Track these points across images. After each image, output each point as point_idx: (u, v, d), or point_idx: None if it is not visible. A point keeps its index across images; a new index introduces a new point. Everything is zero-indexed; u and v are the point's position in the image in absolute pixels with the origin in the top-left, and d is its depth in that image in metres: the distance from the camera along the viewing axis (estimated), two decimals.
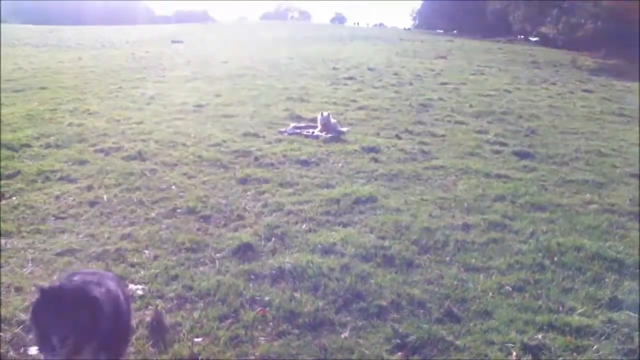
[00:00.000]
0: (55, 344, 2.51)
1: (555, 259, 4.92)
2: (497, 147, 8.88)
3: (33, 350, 3.36)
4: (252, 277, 4.46)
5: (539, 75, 18.02)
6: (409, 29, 67.37)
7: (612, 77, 19.88)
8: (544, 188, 6.99)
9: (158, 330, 3.56)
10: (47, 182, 6.51)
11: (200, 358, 3.38)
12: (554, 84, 16.33)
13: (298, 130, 9.42)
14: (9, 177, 6.61)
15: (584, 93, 14.87)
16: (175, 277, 4.40)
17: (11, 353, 3.38)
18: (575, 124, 10.98)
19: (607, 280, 4.58)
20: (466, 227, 5.61)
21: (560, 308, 4.11)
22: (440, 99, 12.91)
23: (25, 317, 3.71)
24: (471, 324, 3.90)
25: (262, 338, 3.66)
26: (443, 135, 9.53)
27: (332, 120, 9.30)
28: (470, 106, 12.14)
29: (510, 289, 4.40)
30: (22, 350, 3.42)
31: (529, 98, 13.56)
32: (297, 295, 4.17)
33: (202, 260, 4.75)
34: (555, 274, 4.66)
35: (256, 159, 7.71)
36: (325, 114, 9.37)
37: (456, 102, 12.68)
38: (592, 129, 10.57)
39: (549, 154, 8.57)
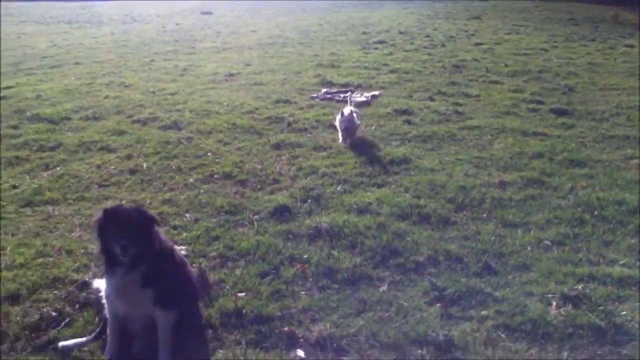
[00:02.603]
0: (118, 252, 2.82)
1: (596, 213, 4.86)
2: (533, 106, 8.69)
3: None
4: (290, 236, 4.55)
5: (577, 32, 17.34)
6: None
7: None
8: (583, 144, 6.85)
9: (203, 286, 3.68)
10: (88, 153, 6.71)
11: (244, 311, 3.50)
12: (593, 40, 15.73)
13: (329, 96, 9.40)
14: (52, 149, 6.83)
15: (626, 48, 14.28)
16: (216, 238, 4.53)
17: (67, 309, 3.56)
18: (615, 79, 10.61)
19: None
20: (503, 184, 5.57)
21: (601, 260, 4.09)
22: (474, 59, 12.63)
23: (77, 277, 3.91)
24: (510, 277, 3.91)
25: (303, 292, 3.76)
26: (477, 96, 9.37)
27: (357, 121, 7.05)
28: (506, 66, 11.85)
29: (550, 243, 4.38)
30: (76, 306, 3.60)
31: (566, 56, 13.13)
32: (334, 252, 4.25)
33: (241, 221, 4.86)
34: (595, 227, 4.61)
35: (289, 124, 7.76)
36: (347, 111, 7.02)
37: (491, 62, 12.39)
38: (634, 84, 10.20)
39: (588, 111, 8.35)
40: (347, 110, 7.01)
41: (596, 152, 6.54)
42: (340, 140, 6.96)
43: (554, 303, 3.54)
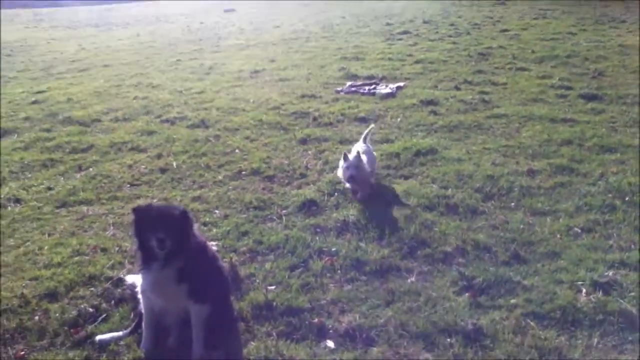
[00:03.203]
0: (155, 245, 2.93)
1: (627, 199, 4.79)
2: (562, 92, 8.55)
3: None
4: (318, 230, 4.61)
5: (607, 13, 16.96)
6: None
7: None
8: (614, 129, 6.72)
9: (234, 280, 3.76)
10: (119, 153, 6.87)
11: (274, 303, 3.57)
12: (624, 21, 15.35)
13: (354, 89, 9.41)
14: (84, 150, 7.02)
15: None
16: (245, 233, 4.61)
17: (104, 305, 3.68)
18: None
19: None
20: (531, 172, 5.52)
21: (632, 246, 4.03)
22: (500, 46, 12.46)
23: (112, 273, 4.03)
24: (539, 265, 3.90)
25: (332, 285, 3.81)
26: (504, 83, 9.25)
27: (367, 168, 5.11)
28: (533, 52, 11.66)
29: (579, 230, 4.34)
30: (112, 302, 3.72)
31: (596, 39, 12.85)
32: (362, 244, 4.29)
33: (269, 216, 4.94)
34: (626, 213, 4.54)
35: (314, 119, 7.80)
36: (353, 153, 5.05)
37: (517, 48, 12.20)
38: None
39: (618, 95, 8.18)
40: (354, 151, 5.08)
41: (627, 137, 6.42)
42: (352, 194, 5.23)
43: (584, 290, 3.52)
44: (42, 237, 4.72)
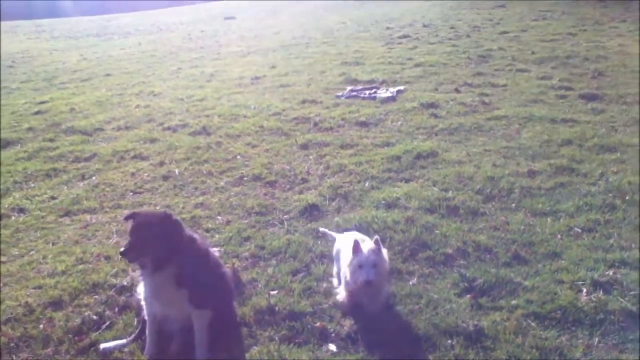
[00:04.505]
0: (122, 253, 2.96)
1: (627, 198, 4.80)
2: (562, 92, 8.57)
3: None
4: (320, 234, 4.62)
5: (607, 14, 16.98)
6: None
7: None
8: (614, 129, 6.73)
9: (236, 286, 3.78)
10: (122, 161, 6.91)
11: (277, 308, 3.59)
12: (624, 21, 15.36)
13: (355, 93, 9.43)
14: (87, 159, 7.06)
15: None
16: (247, 239, 4.64)
17: (107, 312, 3.71)
18: None
19: None
20: (532, 173, 5.53)
21: (633, 245, 4.04)
22: (500, 48, 12.49)
23: (115, 281, 4.06)
24: (539, 266, 3.91)
25: (334, 289, 3.82)
26: (504, 85, 9.28)
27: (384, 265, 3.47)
28: (533, 53, 11.69)
29: (580, 230, 4.35)
30: (116, 310, 3.75)
31: (595, 39, 12.87)
32: None
33: (271, 222, 4.96)
34: (627, 212, 4.56)
35: (315, 124, 7.83)
36: (366, 247, 3.42)
37: (517, 50, 12.23)
38: None
39: (619, 94, 8.19)
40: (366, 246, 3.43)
41: (627, 136, 6.43)
42: (342, 298, 3.62)
43: (585, 290, 3.53)
44: (46, 246, 4.76)
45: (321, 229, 4.36)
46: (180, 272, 3.07)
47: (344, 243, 3.73)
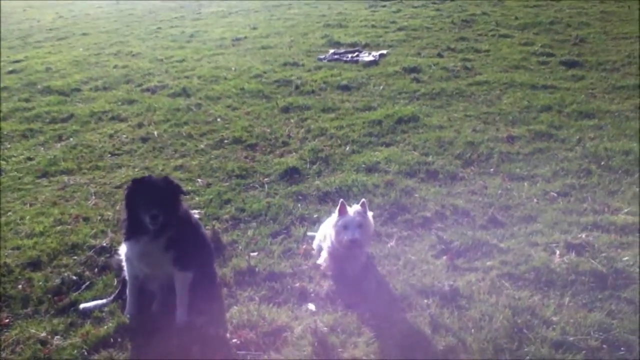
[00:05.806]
0: (148, 222, 2.94)
1: (602, 163, 4.88)
2: (543, 59, 8.58)
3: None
4: (300, 197, 4.65)
5: None
6: None
7: None
8: (593, 95, 6.80)
9: (217, 248, 3.80)
10: (99, 123, 6.81)
11: (257, 269, 3.62)
12: None
13: (337, 56, 9.35)
14: (64, 120, 6.94)
15: None
16: (228, 201, 4.65)
17: (87, 273, 3.71)
18: (628, 28, 10.39)
19: None
20: (511, 139, 5.58)
21: (606, 209, 4.14)
22: (484, 13, 12.41)
23: (95, 242, 4.05)
24: (515, 228, 3.99)
25: (313, 250, 3.86)
26: (487, 51, 9.26)
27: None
28: (516, 18, 11.64)
29: (556, 194, 4.43)
30: (95, 270, 3.75)
31: (579, 5, 12.85)
32: None
33: (251, 185, 4.96)
34: (601, 177, 4.64)
35: (297, 87, 7.76)
36: (353, 210, 3.43)
37: (501, 15, 12.18)
38: None
39: (599, 61, 8.23)
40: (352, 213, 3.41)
41: (605, 102, 6.50)
42: (323, 261, 3.65)
43: (558, 252, 3.62)
44: (23, 207, 4.71)
45: (309, 233, 4.06)
46: (172, 236, 3.08)
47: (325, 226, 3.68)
